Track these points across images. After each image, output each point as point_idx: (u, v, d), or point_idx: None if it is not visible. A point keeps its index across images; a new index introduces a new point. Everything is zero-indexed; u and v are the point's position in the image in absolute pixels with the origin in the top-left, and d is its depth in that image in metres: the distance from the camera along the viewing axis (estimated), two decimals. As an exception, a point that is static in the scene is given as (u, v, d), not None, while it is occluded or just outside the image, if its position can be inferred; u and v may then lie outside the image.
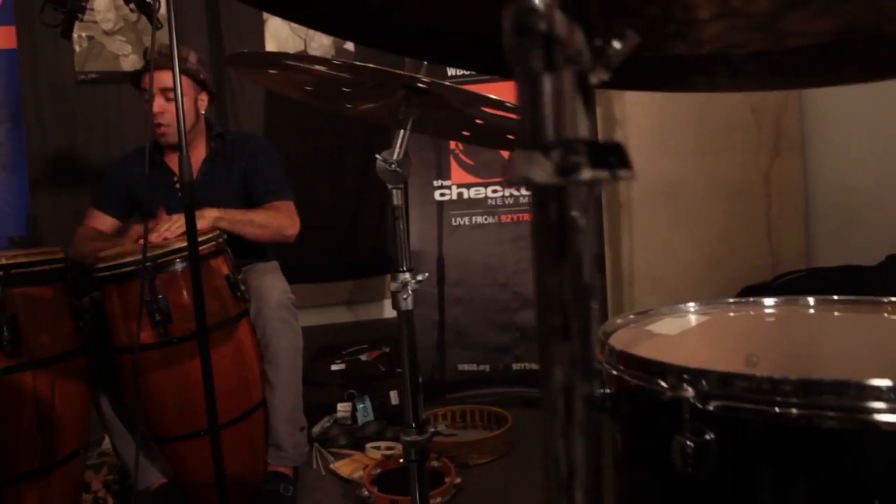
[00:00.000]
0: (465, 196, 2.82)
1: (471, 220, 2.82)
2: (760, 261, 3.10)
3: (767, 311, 0.93)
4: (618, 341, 0.82)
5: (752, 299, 0.92)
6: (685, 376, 0.61)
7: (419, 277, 1.05)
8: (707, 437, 0.60)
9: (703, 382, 0.60)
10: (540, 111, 0.31)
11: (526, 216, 2.80)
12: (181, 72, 2.21)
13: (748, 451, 0.61)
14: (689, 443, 0.59)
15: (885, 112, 2.77)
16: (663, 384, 0.62)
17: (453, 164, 2.83)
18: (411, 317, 1.07)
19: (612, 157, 0.31)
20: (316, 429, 2.51)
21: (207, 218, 2.02)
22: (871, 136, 2.86)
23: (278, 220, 2.20)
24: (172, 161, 2.20)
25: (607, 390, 0.76)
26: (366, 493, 2.01)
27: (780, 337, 0.86)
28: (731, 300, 0.93)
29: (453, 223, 2.82)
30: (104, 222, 2.31)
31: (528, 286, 2.76)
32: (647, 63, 0.63)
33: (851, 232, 2.98)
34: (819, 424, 0.59)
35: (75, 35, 3.42)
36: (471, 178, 2.83)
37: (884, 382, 0.57)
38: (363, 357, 2.79)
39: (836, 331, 0.88)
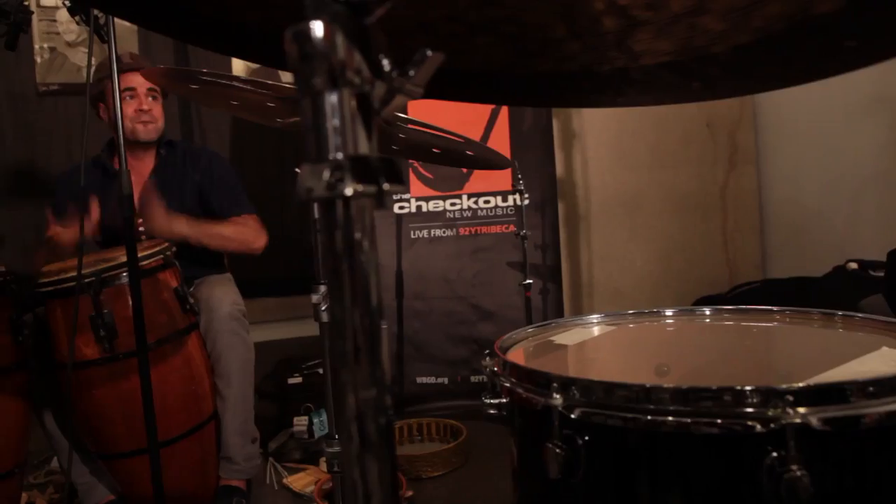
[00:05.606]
0: (424, 209, 2.83)
1: (429, 233, 2.83)
2: (718, 272, 3.14)
3: (668, 321, 0.95)
4: (519, 353, 0.83)
5: (653, 310, 0.94)
6: (555, 385, 0.62)
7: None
8: (577, 443, 0.61)
9: (573, 390, 0.61)
10: (320, 129, 0.32)
11: (484, 229, 2.82)
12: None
13: (616, 458, 0.62)
14: (557, 450, 0.60)
15: (833, 128, 2.84)
16: (536, 393, 0.63)
17: (412, 178, 2.84)
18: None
19: (381, 172, 0.32)
20: (273, 444, 2.48)
21: (178, 226, 2.03)
22: (819, 151, 2.93)
23: (244, 234, 2.22)
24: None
25: (503, 400, 0.77)
26: (316, 507, 2.00)
27: (682, 346, 0.88)
28: (631, 311, 0.95)
29: (412, 236, 2.83)
30: (64, 233, 2.27)
31: (486, 299, 2.77)
32: (518, 80, 0.65)
33: (803, 244, 3.04)
34: (688, 430, 0.60)
35: (37, 46, 3.40)
36: (429, 192, 2.84)
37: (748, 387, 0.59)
38: (322, 371, 2.77)
39: (729, 339, 0.90)
